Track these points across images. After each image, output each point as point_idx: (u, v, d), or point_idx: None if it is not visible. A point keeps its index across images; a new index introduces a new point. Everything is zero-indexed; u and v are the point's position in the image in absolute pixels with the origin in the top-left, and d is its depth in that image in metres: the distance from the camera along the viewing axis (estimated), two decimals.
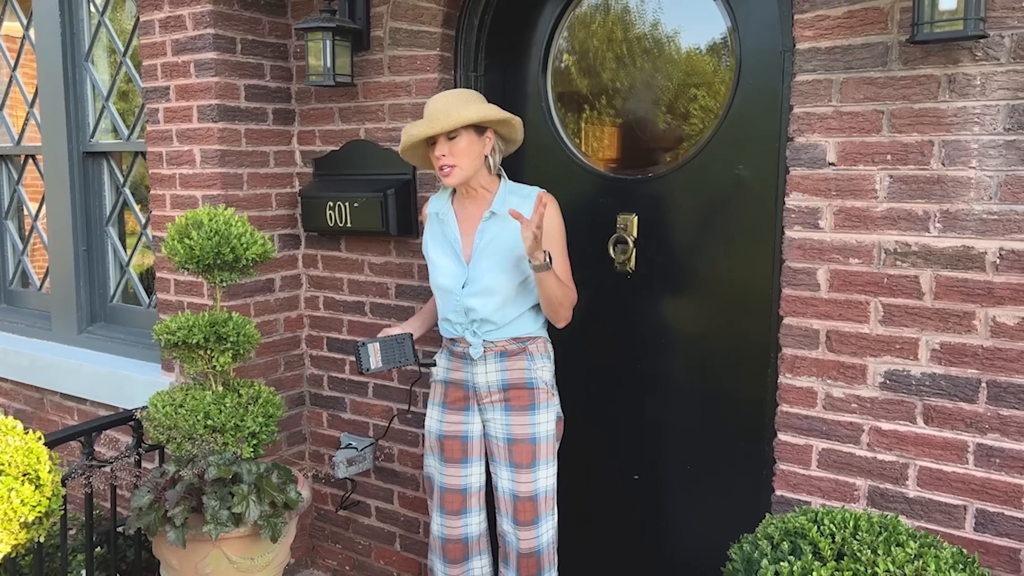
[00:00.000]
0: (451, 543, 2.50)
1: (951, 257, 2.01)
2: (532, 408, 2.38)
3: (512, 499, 2.41)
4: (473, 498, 2.51)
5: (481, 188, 2.39)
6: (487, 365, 2.38)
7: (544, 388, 2.40)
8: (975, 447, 2.02)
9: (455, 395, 2.46)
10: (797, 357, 2.23)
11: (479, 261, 2.36)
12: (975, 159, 1.96)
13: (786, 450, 2.27)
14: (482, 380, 2.39)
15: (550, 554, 2.46)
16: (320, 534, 3.40)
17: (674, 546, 2.69)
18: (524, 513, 2.40)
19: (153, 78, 3.09)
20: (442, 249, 2.44)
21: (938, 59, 1.98)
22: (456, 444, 2.47)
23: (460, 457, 2.47)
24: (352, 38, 2.89)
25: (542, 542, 2.43)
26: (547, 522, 2.44)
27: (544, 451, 2.40)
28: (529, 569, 2.43)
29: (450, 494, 2.49)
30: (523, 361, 2.38)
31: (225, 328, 2.50)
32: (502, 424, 2.40)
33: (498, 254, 2.35)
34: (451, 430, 2.47)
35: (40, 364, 3.70)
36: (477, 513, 2.52)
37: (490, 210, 2.36)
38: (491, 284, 2.33)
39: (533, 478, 2.39)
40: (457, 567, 2.53)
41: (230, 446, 2.43)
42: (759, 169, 2.38)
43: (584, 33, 2.72)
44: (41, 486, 2.02)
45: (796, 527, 1.73)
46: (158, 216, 3.17)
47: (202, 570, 2.34)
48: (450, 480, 2.48)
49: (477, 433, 2.47)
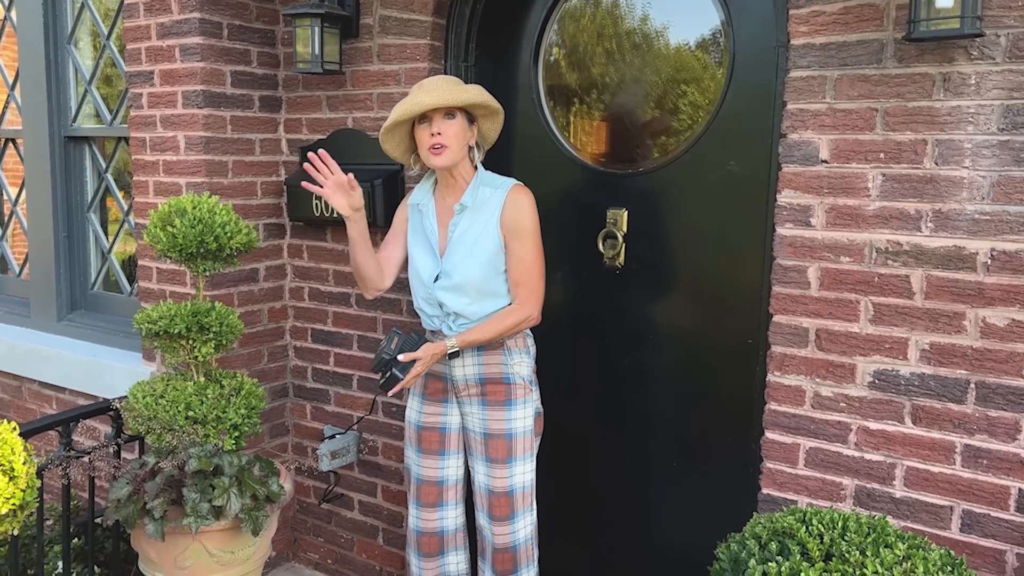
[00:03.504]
0: (426, 536, 2.50)
1: (942, 257, 2.00)
2: (508, 404, 2.36)
3: (487, 494, 2.39)
4: (449, 491, 2.49)
5: (461, 178, 2.37)
6: (464, 359, 2.36)
7: (521, 384, 2.37)
8: (963, 448, 2.02)
9: (434, 387, 2.44)
10: (786, 355, 2.22)
11: (452, 255, 2.34)
12: (968, 159, 1.95)
13: (773, 449, 2.26)
14: (459, 373, 2.38)
15: (528, 550, 2.44)
16: (302, 527, 3.36)
17: (659, 543, 2.68)
18: (499, 508, 2.39)
19: (137, 62, 3.04)
20: (420, 241, 2.42)
21: (933, 57, 1.96)
22: (434, 435, 2.46)
23: (437, 449, 2.46)
24: (341, 25, 2.85)
25: (518, 538, 2.42)
26: (524, 518, 2.42)
27: (520, 447, 2.38)
28: (504, 564, 2.42)
29: (426, 486, 2.48)
30: (500, 356, 2.36)
31: (208, 318, 2.46)
32: (479, 418, 2.39)
33: (469, 248, 2.32)
34: (429, 421, 2.46)
35: (18, 352, 3.64)
36: (453, 507, 2.51)
37: (460, 203, 2.34)
38: (462, 279, 2.31)
39: (509, 474, 2.37)
40: (431, 561, 2.51)
41: (211, 438, 2.40)
42: (751, 165, 2.36)
43: (574, 27, 2.69)
44: (15, 478, 1.98)
45: (784, 527, 1.72)
46: (141, 203, 3.12)
47: (181, 563, 2.30)
48: (427, 472, 2.47)
49: (455, 425, 2.46)
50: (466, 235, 2.33)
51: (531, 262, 2.32)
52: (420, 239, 2.42)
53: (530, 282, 2.32)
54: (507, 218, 2.31)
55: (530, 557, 2.45)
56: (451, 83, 2.32)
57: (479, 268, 2.30)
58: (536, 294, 2.33)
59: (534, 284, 2.33)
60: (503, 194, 2.32)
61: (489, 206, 2.32)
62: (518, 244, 2.30)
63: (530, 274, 2.32)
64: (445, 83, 2.31)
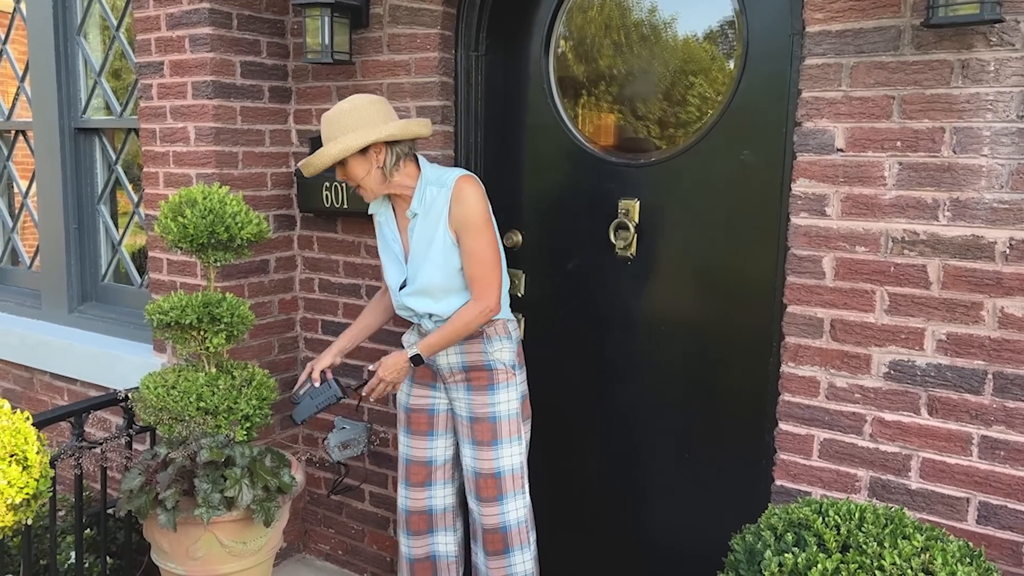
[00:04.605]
0: (415, 515, 2.56)
1: (960, 246, 1.97)
2: (491, 388, 2.40)
3: (474, 476, 2.45)
4: (438, 471, 2.55)
5: (402, 188, 2.36)
6: (447, 349, 2.41)
7: (503, 369, 2.40)
8: (980, 439, 2.00)
9: (423, 371, 2.50)
10: (800, 346, 2.20)
11: (413, 261, 2.38)
12: (987, 147, 1.92)
13: (787, 440, 2.24)
14: (443, 362, 2.43)
15: (520, 533, 2.47)
16: (313, 518, 3.36)
17: (672, 535, 2.67)
18: (486, 490, 2.43)
19: (147, 53, 3.03)
20: (386, 249, 2.47)
21: (952, 44, 1.94)
22: (422, 417, 2.52)
23: (426, 430, 2.53)
24: (351, 15, 2.83)
25: (508, 520, 2.45)
26: (514, 500, 2.45)
27: (506, 430, 2.42)
28: (495, 545, 2.45)
29: (415, 465, 2.54)
30: (480, 344, 2.39)
31: (219, 309, 2.45)
32: (465, 403, 2.45)
33: (425, 252, 2.35)
34: (417, 403, 2.52)
35: (30, 343, 3.65)
36: (442, 487, 2.57)
37: (410, 210, 2.36)
38: (424, 283, 2.35)
39: (494, 456, 2.42)
40: (420, 539, 2.57)
41: (223, 429, 2.39)
42: (765, 155, 2.34)
43: (582, 19, 2.67)
44: (29, 467, 1.98)
45: (800, 518, 1.71)
46: (151, 194, 3.12)
47: (193, 554, 2.31)
48: (415, 452, 2.54)
49: (443, 407, 2.52)
50: (422, 239, 2.36)
51: (482, 255, 2.31)
52: (386, 248, 2.48)
53: (484, 276, 2.32)
54: (455, 215, 2.31)
55: (523, 540, 2.48)
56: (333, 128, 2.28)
57: (438, 270, 2.34)
58: (491, 286, 2.32)
59: (488, 277, 2.32)
60: (448, 192, 2.31)
61: (437, 206, 2.33)
62: (468, 238, 2.30)
63: (483, 267, 2.31)
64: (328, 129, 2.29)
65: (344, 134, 2.27)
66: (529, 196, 2.83)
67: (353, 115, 2.28)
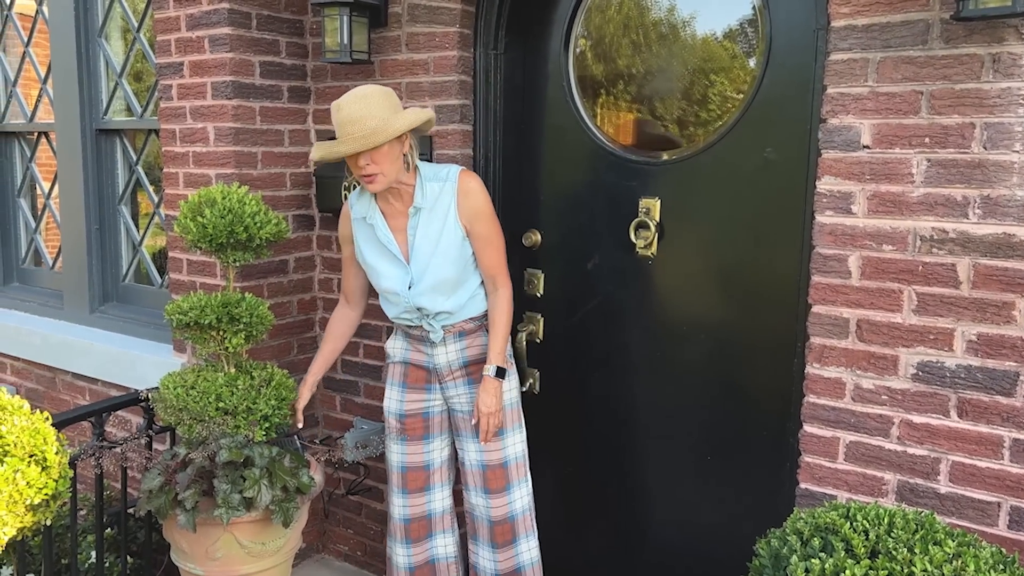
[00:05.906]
0: (415, 522, 2.54)
1: (991, 245, 1.93)
2: None
3: (482, 469, 2.44)
4: (436, 474, 2.55)
5: (403, 184, 2.34)
6: (447, 346, 2.41)
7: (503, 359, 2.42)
8: (1011, 442, 1.95)
9: (416, 375, 2.48)
10: (825, 347, 2.16)
11: (419, 259, 2.34)
12: (1019, 142, 1.87)
13: (812, 442, 2.20)
14: (443, 360, 2.43)
15: (526, 520, 2.48)
16: (332, 519, 3.36)
17: (694, 538, 2.64)
18: (495, 481, 2.43)
19: (167, 54, 3.03)
20: (378, 252, 2.41)
21: (982, 37, 1.89)
22: (417, 421, 2.50)
23: (422, 434, 2.51)
24: (370, 14, 2.82)
25: (515, 508, 2.46)
26: (520, 488, 2.47)
27: (510, 419, 2.44)
28: (504, 536, 2.45)
29: (413, 472, 2.52)
30: (481, 338, 2.43)
31: (238, 309, 2.45)
32: (467, 397, 2.44)
33: (434, 247, 2.32)
34: (412, 408, 2.50)
35: (52, 343, 3.67)
36: (440, 489, 2.56)
37: (413, 206, 2.33)
38: (437, 279, 2.33)
39: (502, 445, 2.43)
40: (420, 545, 2.55)
41: (242, 429, 2.39)
42: (789, 152, 2.30)
43: (600, 19, 2.64)
44: (48, 468, 1.98)
45: (827, 523, 1.67)
46: (171, 194, 3.12)
47: (213, 554, 2.30)
48: (412, 458, 2.52)
49: (438, 409, 2.51)
50: (428, 235, 2.33)
51: (498, 242, 2.38)
52: (378, 250, 2.41)
53: (501, 262, 2.40)
54: (465, 208, 2.32)
55: (528, 528, 2.49)
56: (372, 107, 2.17)
57: (451, 264, 2.32)
58: (506, 272, 2.41)
59: (503, 263, 2.41)
60: (453, 186, 2.31)
61: (443, 201, 2.32)
62: (483, 228, 2.34)
63: (500, 255, 2.39)
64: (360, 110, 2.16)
65: (388, 113, 2.18)
66: (548, 195, 2.81)
67: (385, 98, 2.23)
